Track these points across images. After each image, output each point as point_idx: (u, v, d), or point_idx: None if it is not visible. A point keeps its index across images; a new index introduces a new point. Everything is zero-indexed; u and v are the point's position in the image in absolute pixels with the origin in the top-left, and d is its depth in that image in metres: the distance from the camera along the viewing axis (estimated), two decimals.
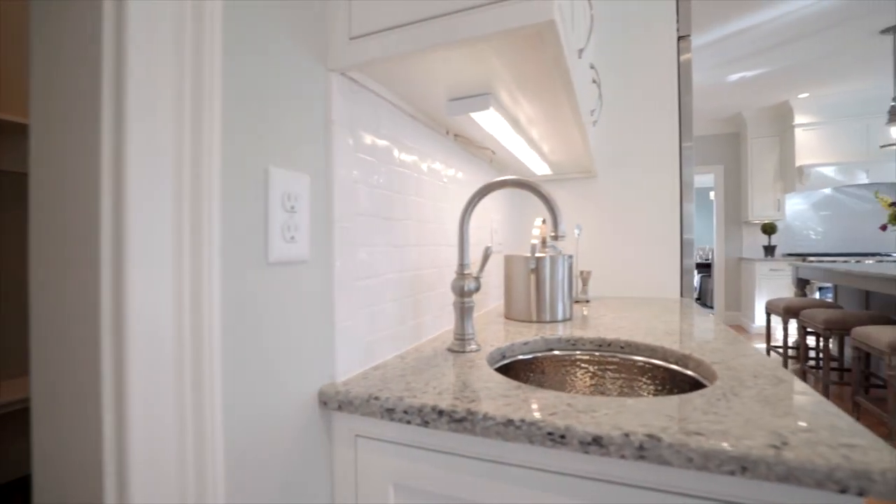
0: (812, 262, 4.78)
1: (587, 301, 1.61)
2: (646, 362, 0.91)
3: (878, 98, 4.84)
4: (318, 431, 0.69)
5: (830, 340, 4.66)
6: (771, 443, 0.46)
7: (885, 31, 3.50)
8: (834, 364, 3.79)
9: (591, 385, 0.94)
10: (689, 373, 0.83)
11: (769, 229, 5.51)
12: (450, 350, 0.91)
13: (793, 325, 5.18)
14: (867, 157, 4.81)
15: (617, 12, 1.80)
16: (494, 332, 1.09)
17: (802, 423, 0.51)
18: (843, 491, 0.42)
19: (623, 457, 0.49)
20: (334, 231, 0.71)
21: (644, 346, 0.94)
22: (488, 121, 0.94)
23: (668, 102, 1.74)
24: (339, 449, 0.69)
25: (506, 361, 0.93)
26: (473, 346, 0.91)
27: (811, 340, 4.45)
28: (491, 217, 1.54)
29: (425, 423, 0.60)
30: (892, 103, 3.52)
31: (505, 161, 1.48)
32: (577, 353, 0.96)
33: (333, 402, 0.67)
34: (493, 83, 0.81)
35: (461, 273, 0.92)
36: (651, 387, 0.89)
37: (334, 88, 0.71)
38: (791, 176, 5.26)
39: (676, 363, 0.87)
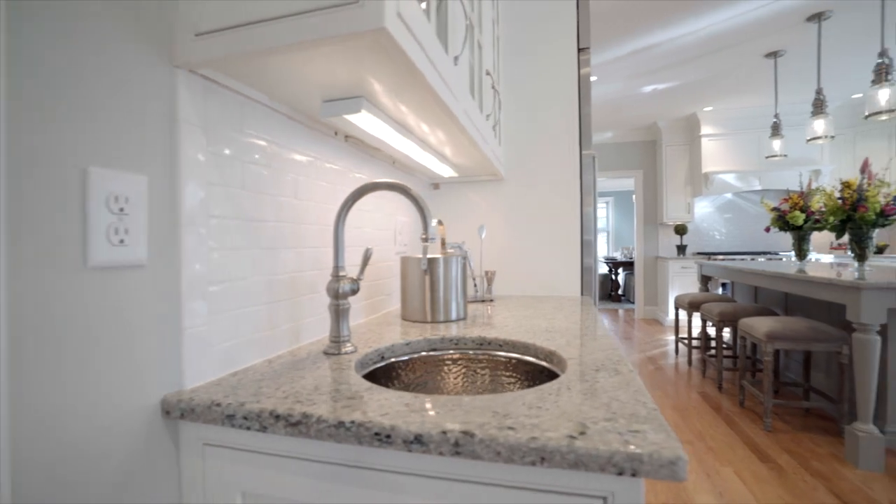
0: (715, 260, 5.25)
1: (491, 300, 1.67)
2: (514, 359, 0.96)
3: (766, 113, 5.41)
4: (163, 441, 0.65)
5: (725, 331, 5.14)
6: (570, 433, 0.50)
7: (768, 56, 3.91)
8: (729, 352, 4.19)
9: (461, 383, 0.97)
10: (551, 367, 0.88)
11: (681, 230, 5.98)
12: (325, 353, 0.90)
13: (697, 317, 5.65)
14: (759, 166, 5.36)
15: (522, 24, 1.87)
16: (382, 332, 1.10)
17: (609, 413, 0.56)
18: (621, 473, 0.46)
19: (441, 453, 0.51)
20: (182, 234, 0.68)
21: (519, 343, 0.98)
22: (367, 124, 0.94)
23: (570, 112, 1.83)
24: (187, 458, 0.66)
25: (383, 363, 0.94)
26: (349, 348, 0.91)
27: (713, 331, 4.89)
28: (396, 219, 1.54)
29: (263, 429, 0.59)
30: (775, 119, 3.94)
31: (407, 163, 1.49)
32: (451, 352, 0.99)
33: (176, 411, 0.64)
34: (367, 87, 0.81)
35: (336, 276, 0.91)
36: (516, 382, 0.94)
37: (181, 85, 0.68)
38: (698, 181, 5.74)
39: (545, 359, 0.92)
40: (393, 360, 0.96)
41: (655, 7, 3.16)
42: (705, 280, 4.46)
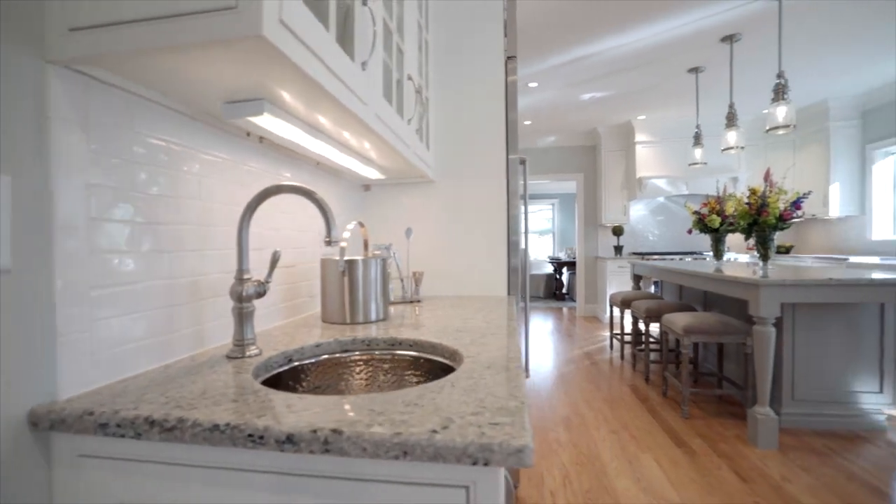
0: (647, 260, 5.57)
1: (419, 301, 1.69)
2: (421, 358, 0.99)
3: (692, 124, 5.81)
4: (32, 455, 0.63)
5: (654, 326, 5.47)
6: (433, 428, 0.53)
7: (690, 71, 4.21)
8: (657, 346, 4.47)
9: (366, 383, 0.99)
10: (453, 365, 0.92)
11: (618, 231, 6.30)
12: (228, 357, 0.89)
13: (630, 314, 5.97)
14: (686, 172, 5.75)
15: (453, 31, 1.91)
16: (297, 335, 1.09)
17: (479, 408, 0.60)
18: (475, 463, 0.50)
19: (312, 452, 0.53)
20: (56, 237, 0.65)
21: (427, 343, 1.01)
22: (274, 126, 0.94)
23: (498, 117, 1.89)
24: (59, 472, 0.64)
25: (289, 366, 0.94)
26: (254, 351, 0.90)
27: (643, 327, 5.19)
28: (321, 222, 1.53)
29: (138, 436, 0.58)
30: (696, 130, 4.25)
31: (332, 165, 1.49)
32: (357, 354, 1.01)
33: (45, 423, 0.62)
34: (268, 89, 0.80)
35: (240, 278, 0.90)
36: (419, 380, 0.97)
37: (54, 82, 0.65)
38: (633, 185, 6.07)
39: (449, 358, 0.96)
40: (299, 362, 0.96)
41: (588, 20, 3.31)
42: (637, 279, 4.73)
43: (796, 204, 3.01)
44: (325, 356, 1.00)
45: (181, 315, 0.89)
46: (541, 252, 11.43)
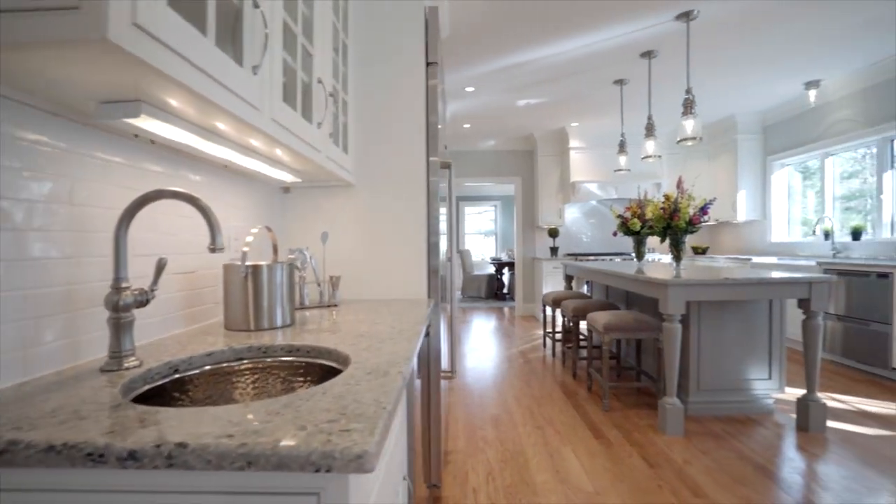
0: (581, 260, 5.84)
1: (335, 305, 1.68)
2: (316, 364, 0.99)
3: (619, 132, 6.17)
4: None
5: (583, 324, 5.75)
6: (281, 437, 0.54)
7: (616, 83, 4.47)
8: (586, 344, 4.69)
9: (253, 392, 0.98)
10: (343, 370, 0.93)
11: (553, 233, 6.56)
12: (102, 370, 0.84)
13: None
14: (614, 177, 6.09)
15: (374, 36, 1.91)
16: (190, 343, 1.05)
17: (338, 415, 0.61)
18: (318, 470, 0.51)
19: (156, 467, 0.52)
20: None
21: (324, 349, 1.01)
22: (158, 128, 0.90)
23: (419, 120, 1.92)
24: None
25: (175, 377, 0.91)
26: (133, 363, 0.86)
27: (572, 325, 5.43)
28: (231, 224, 1.48)
29: None
30: (621, 138, 4.52)
31: (241, 168, 1.45)
32: (246, 362, 0.99)
33: None
34: (146, 91, 0.77)
35: (117, 287, 0.86)
36: (308, 386, 0.97)
37: None
38: (568, 189, 6.35)
39: (342, 363, 0.96)
40: (185, 373, 0.93)
41: (518, 30, 3.43)
42: (569, 279, 4.94)
43: (703, 209, 3.28)
44: (213, 366, 0.97)
45: (49, 327, 0.84)
46: (485, 253, 11.65)
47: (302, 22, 1.26)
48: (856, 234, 4.41)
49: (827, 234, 4.76)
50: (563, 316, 4.20)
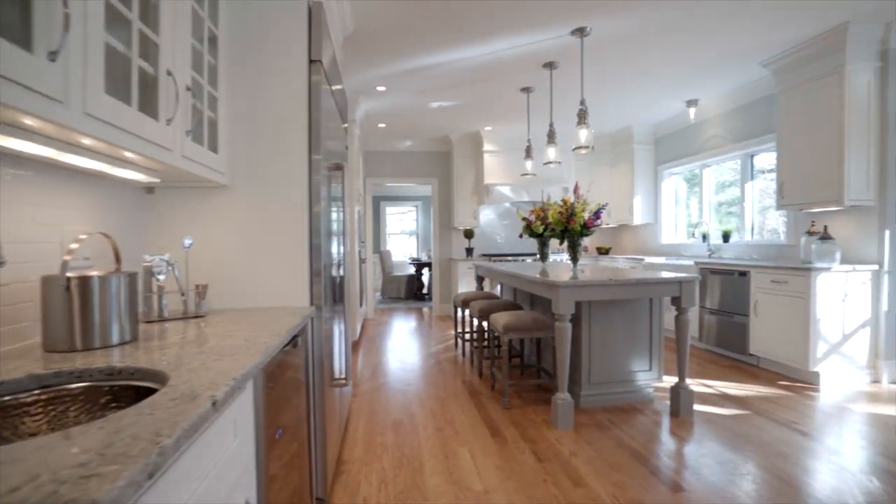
0: (493, 261, 6.01)
1: (202, 316, 1.55)
2: (127, 387, 0.89)
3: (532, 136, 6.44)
4: None
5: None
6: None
7: (523, 90, 4.65)
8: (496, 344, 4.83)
9: (48, 426, 0.86)
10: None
11: (469, 234, 6.69)
12: None
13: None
14: (525, 181, 6.34)
15: (252, 31, 1.79)
16: None
17: (98, 455, 0.54)
18: None
19: None
20: None
21: (149, 370, 0.91)
22: None
23: (301, 118, 1.83)
24: None
25: None
26: None
27: (479, 325, 5.59)
28: (64, 230, 1.30)
29: None
30: (528, 144, 4.71)
31: (75, 166, 1.27)
32: (37, 392, 0.87)
33: None
34: None
35: None
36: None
37: None
38: (482, 191, 6.51)
39: (163, 385, 0.87)
40: None
41: (426, 32, 3.43)
42: (480, 279, 5.06)
43: (597, 214, 3.50)
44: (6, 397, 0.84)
45: None
46: (408, 253, 11.63)
47: (139, 5, 1.14)
48: (726, 236, 4.99)
49: (705, 237, 5.32)
50: (471, 316, 4.29)
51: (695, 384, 3.55)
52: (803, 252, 3.77)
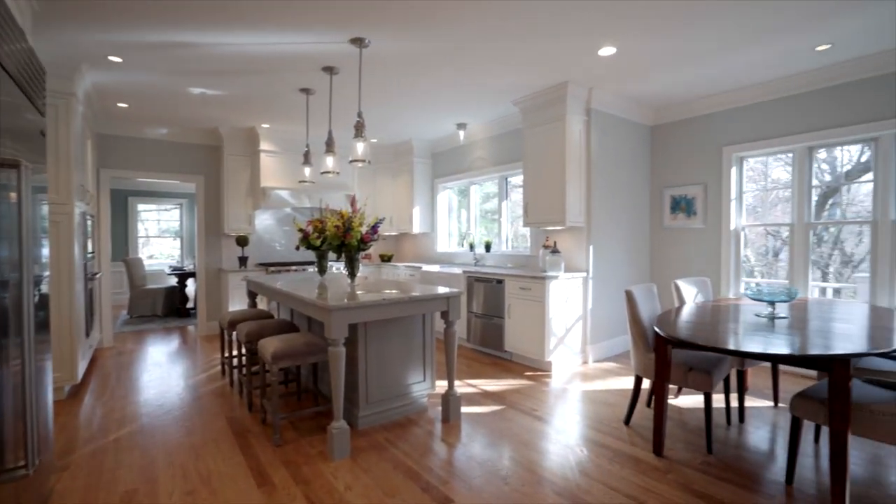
0: (270, 272, 5.45)
1: None
2: None
3: (311, 140, 6.13)
4: None
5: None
6: None
7: (302, 91, 4.34)
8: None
9: None
10: None
11: (242, 241, 5.93)
12: None
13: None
14: (306, 186, 6.00)
15: None
16: None
17: None
18: None
19: None
20: None
21: None
22: None
23: None
24: None
25: None
26: None
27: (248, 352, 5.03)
28: None
29: None
30: (306, 149, 4.42)
31: None
32: None
33: None
34: None
35: None
36: None
37: None
38: (258, 195, 5.86)
39: None
40: None
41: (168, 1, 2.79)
42: (253, 295, 4.51)
43: (374, 228, 3.48)
44: None
45: None
46: (169, 261, 9.73)
47: None
48: (488, 246, 5.71)
49: (472, 247, 5.99)
50: (239, 340, 3.76)
51: (462, 386, 3.90)
52: (541, 262, 4.58)
